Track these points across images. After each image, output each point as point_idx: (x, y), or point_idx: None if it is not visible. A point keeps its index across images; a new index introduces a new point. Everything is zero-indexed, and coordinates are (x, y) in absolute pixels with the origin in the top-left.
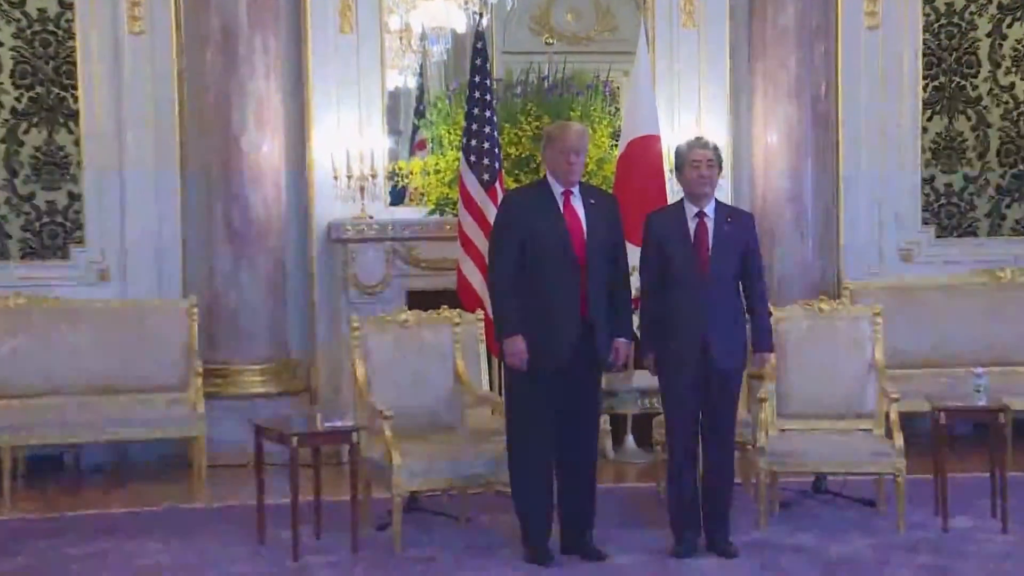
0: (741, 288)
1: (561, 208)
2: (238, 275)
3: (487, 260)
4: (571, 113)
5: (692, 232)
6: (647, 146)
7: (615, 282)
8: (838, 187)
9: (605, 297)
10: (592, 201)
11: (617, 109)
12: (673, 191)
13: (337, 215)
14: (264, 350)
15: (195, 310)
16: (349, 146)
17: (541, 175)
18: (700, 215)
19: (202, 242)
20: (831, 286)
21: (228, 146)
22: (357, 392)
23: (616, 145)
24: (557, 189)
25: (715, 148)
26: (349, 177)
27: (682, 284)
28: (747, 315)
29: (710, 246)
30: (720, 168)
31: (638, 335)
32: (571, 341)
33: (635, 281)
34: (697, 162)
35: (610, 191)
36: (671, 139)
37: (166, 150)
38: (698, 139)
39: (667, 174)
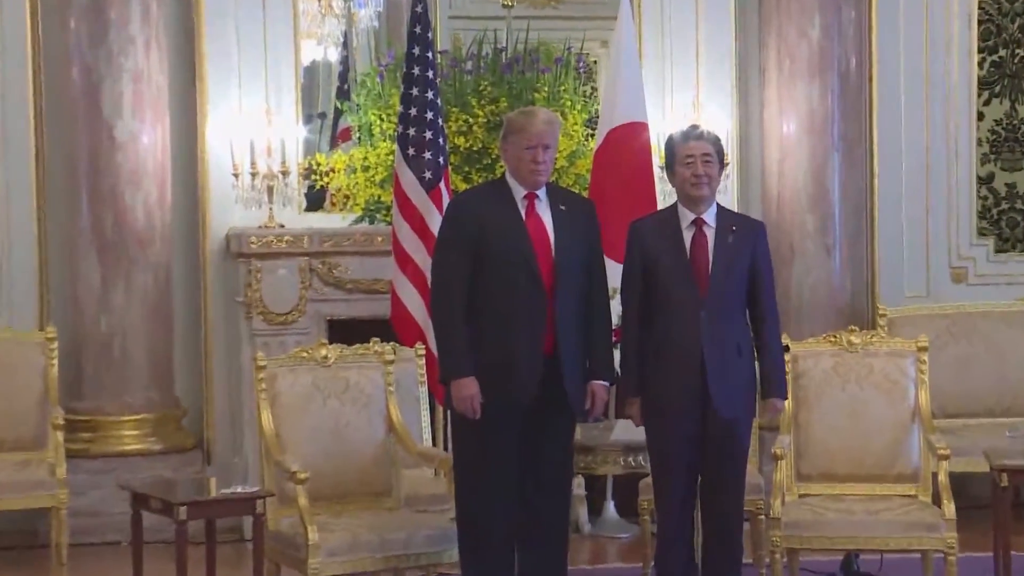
0: (749, 317)
1: (523, 216)
2: (111, 299)
3: (430, 281)
4: (535, 96)
5: (687, 245)
6: (631, 136)
7: (591, 310)
8: (872, 188)
9: (578, 329)
10: (562, 207)
11: (594, 90)
12: (664, 194)
13: (238, 223)
14: (144, 395)
15: (54, 344)
16: (254, 136)
17: (498, 174)
18: (697, 224)
19: (64, 257)
20: (863, 313)
21: (98, 136)
22: (263, 448)
23: (592, 135)
24: (518, 192)
25: (715, 140)
26: (254, 175)
27: (674, 311)
28: (756, 351)
29: (710, 263)
30: (722, 165)
31: (620, 376)
32: (535, 384)
33: (616, 307)
34: (691, 157)
35: (585, 194)
36: (662, 128)
37: (17, 141)
38: (693, 128)
39: (657, 172)
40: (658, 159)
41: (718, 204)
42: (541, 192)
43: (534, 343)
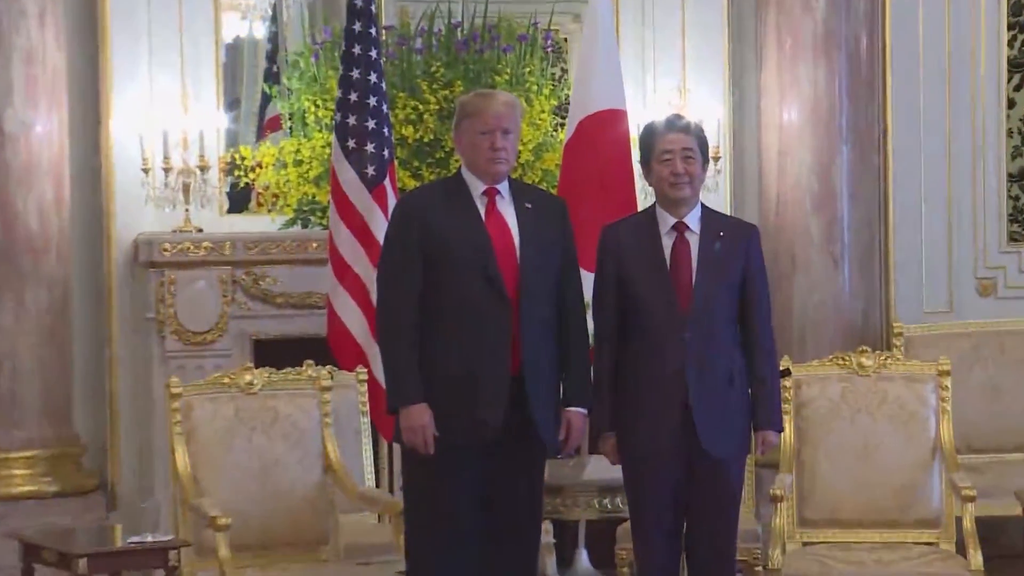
0: (740, 336)
1: (483, 215)
2: None
3: (373, 294)
4: (496, 79)
5: (666, 254)
6: (607, 126)
7: (564, 323)
8: (887, 188)
9: (549, 346)
10: (528, 205)
11: (564, 72)
12: (646, 193)
13: (149, 227)
14: (36, 429)
15: None
16: (167, 126)
17: (452, 169)
18: (678, 229)
19: None
20: (876, 332)
21: None
22: (178, 490)
23: (562, 125)
24: (476, 188)
25: (698, 132)
26: (167, 171)
27: (653, 333)
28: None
29: (693, 275)
30: (706, 161)
31: (592, 407)
32: (499, 412)
33: (590, 323)
34: (670, 153)
35: (554, 192)
36: (642, 117)
37: None
38: (673, 118)
39: (637, 168)
40: (638, 153)
41: (703, 205)
42: (503, 187)
43: (497, 363)
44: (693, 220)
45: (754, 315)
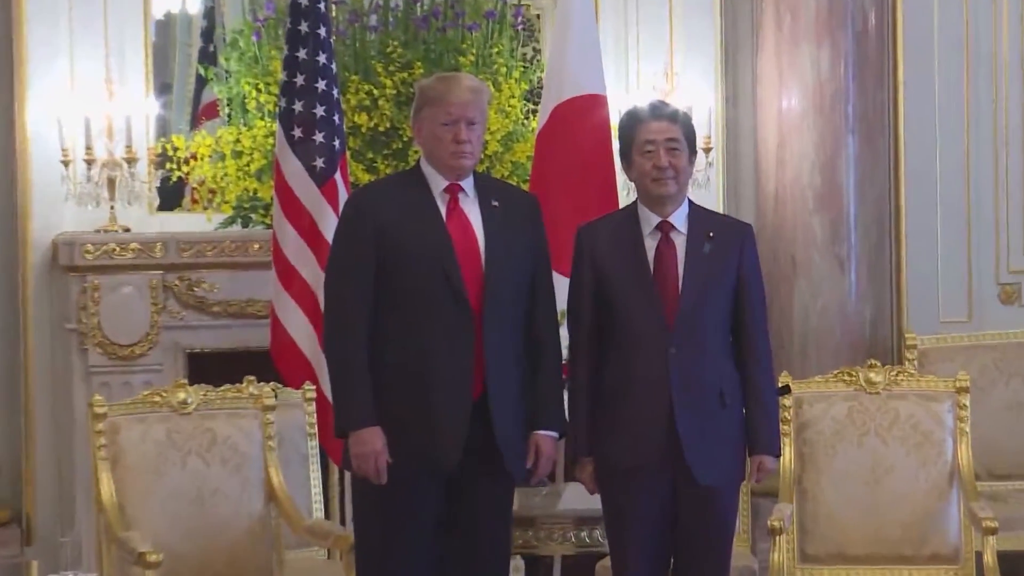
0: (732, 349)
1: (444, 215)
2: None
3: (322, 303)
4: (460, 60)
5: (650, 258)
6: (585, 113)
7: (534, 337)
8: (898, 183)
9: (516, 364)
10: (495, 203)
11: (537, 52)
12: (628, 188)
13: (69, 226)
14: None
15: None
16: (89, 112)
17: (411, 162)
18: (663, 229)
19: None
20: (887, 344)
21: None
22: (102, 523)
23: (535, 112)
24: (437, 183)
25: (684, 120)
26: (89, 163)
27: (634, 346)
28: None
29: (679, 281)
30: (693, 153)
31: (568, 429)
32: (459, 439)
33: (564, 335)
34: (652, 144)
35: (525, 188)
36: (624, 103)
37: None
38: (656, 104)
39: (619, 160)
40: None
41: (691, 202)
42: (467, 183)
43: (458, 384)
44: (679, 219)
45: (749, 325)
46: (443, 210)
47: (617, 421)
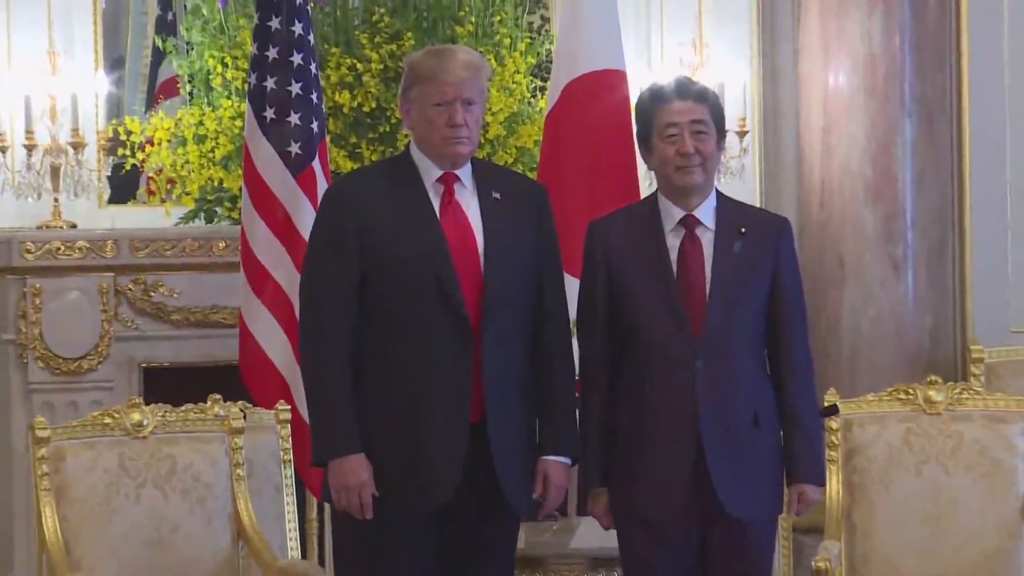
0: (769, 365)
1: (437, 210)
2: None
3: (299, 310)
4: (457, 30)
5: (673, 258)
6: (602, 91)
7: (544, 352)
8: (962, 171)
9: (521, 382)
10: (497, 195)
11: (546, 21)
12: (650, 178)
13: (6, 221)
14: None
15: None
16: (29, 91)
17: (401, 147)
18: (687, 224)
19: None
20: (949, 357)
21: None
22: (46, 564)
23: (543, 90)
24: (429, 172)
25: (712, 99)
26: (30, 149)
27: (655, 360)
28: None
29: (707, 285)
30: (722, 136)
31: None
32: (456, 469)
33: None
34: (675, 127)
35: (533, 176)
36: (646, 80)
37: None
38: (681, 82)
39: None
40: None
41: (719, 193)
42: (464, 172)
43: (454, 407)
44: (706, 213)
45: (786, 335)
46: (436, 204)
47: (635, 454)
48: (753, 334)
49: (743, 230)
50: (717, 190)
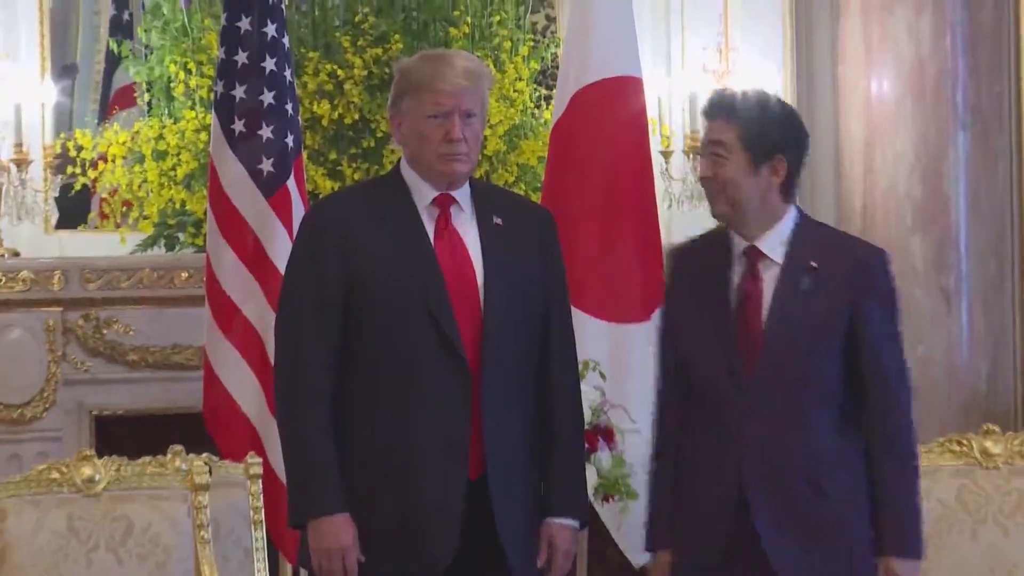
0: (842, 419)
1: (431, 236)
2: None
3: (275, 351)
4: (451, 31)
5: (731, 294)
6: (615, 101)
7: (550, 398)
8: (1022, 193)
9: (525, 433)
10: (498, 221)
11: (551, 22)
12: (670, 197)
13: None
14: None
15: None
16: None
17: (388, 165)
18: (750, 257)
19: None
20: (1008, 404)
21: None
22: None
23: (548, 100)
24: (423, 194)
25: (746, 112)
26: None
27: (709, 412)
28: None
29: (763, 326)
30: (765, 155)
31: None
32: (451, 530)
33: (589, 391)
34: (702, 149)
35: (536, 199)
36: (665, 88)
37: None
38: (711, 96)
39: (660, 163)
40: (659, 140)
41: (801, 219)
42: (462, 194)
43: (450, 462)
44: (773, 244)
45: (877, 390)
46: (430, 230)
47: (686, 514)
48: (819, 386)
49: (814, 265)
50: (801, 215)
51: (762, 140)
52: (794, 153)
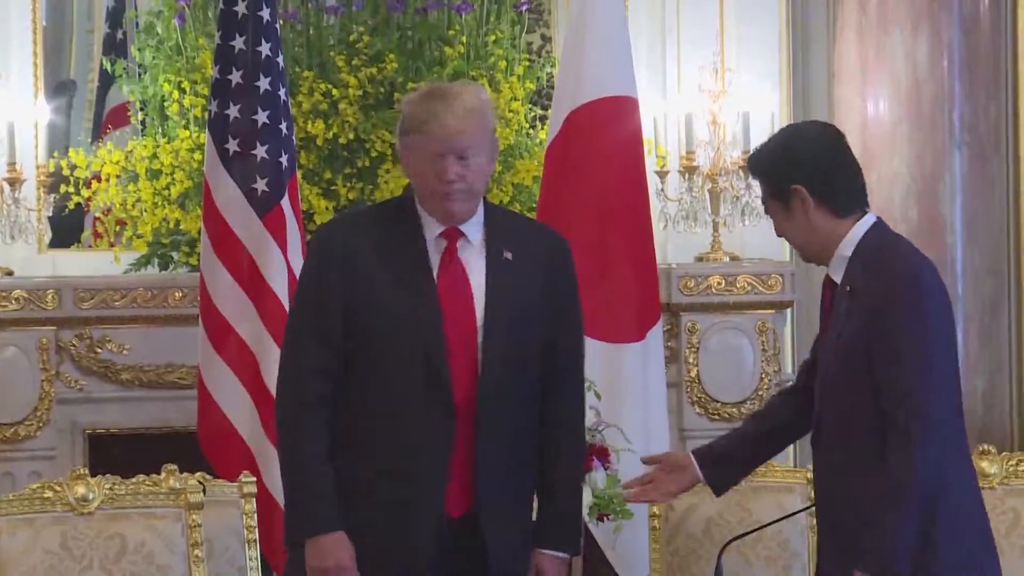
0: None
1: (435, 271)
2: None
3: (267, 368)
4: (446, 51)
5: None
6: (610, 121)
7: (553, 434)
8: (1019, 216)
9: (522, 469)
10: (508, 255)
11: (547, 42)
12: (665, 217)
13: None
14: None
15: None
16: None
17: (381, 184)
18: (827, 286)
19: None
20: (1004, 425)
21: None
22: None
23: (544, 120)
24: (431, 228)
25: (760, 165)
26: None
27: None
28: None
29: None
30: (787, 198)
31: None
32: (417, 562)
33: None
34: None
35: (531, 216)
36: (660, 110)
37: None
38: (755, 152)
39: (656, 183)
40: (654, 160)
41: (858, 248)
42: (472, 225)
43: (429, 500)
44: (836, 270)
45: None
46: (435, 264)
47: None
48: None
49: (850, 289)
50: (876, 227)
51: (776, 182)
52: (808, 172)
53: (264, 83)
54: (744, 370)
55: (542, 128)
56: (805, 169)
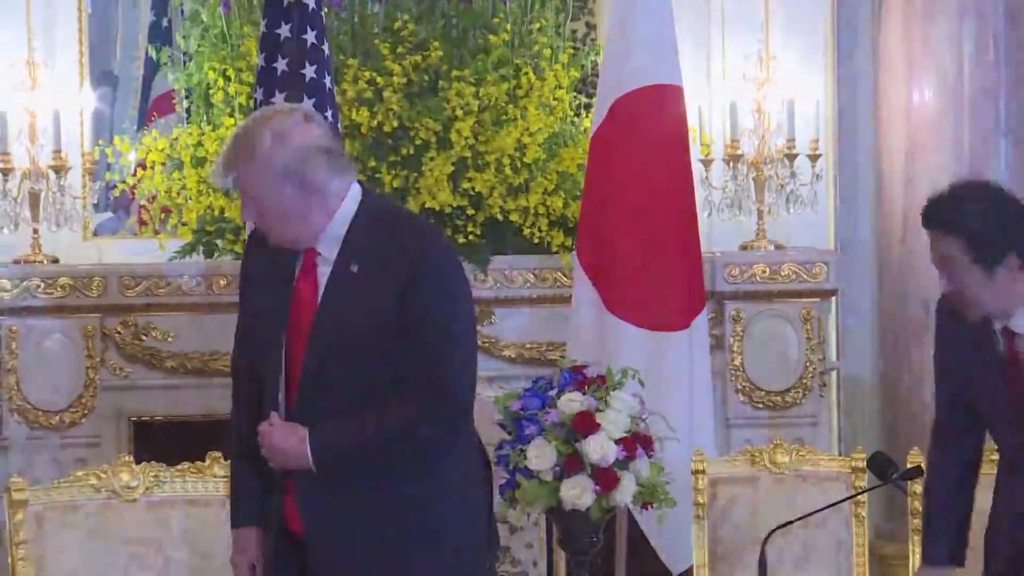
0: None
1: (295, 278)
2: None
3: None
4: (490, 39)
5: (999, 364)
6: (655, 109)
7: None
8: None
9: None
10: (355, 268)
11: (591, 29)
12: (711, 206)
13: None
14: None
15: None
16: (6, 106)
17: (425, 171)
18: (1006, 336)
19: None
20: None
21: None
22: None
23: (588, 107)
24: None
25: (962, 219)
26: (5, 173)
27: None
28: None
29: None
30: (991, 256)
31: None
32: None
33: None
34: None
35: (575, 206)
36: (704, 98)
37: None
38: (926, 205)
39: (700, 171)
40: (699, 148)
41: None
42: (326, 243)
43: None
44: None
45: None
46: (297, 272)
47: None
48: None
49: None
50: None
51: (990, 248)
52: (1021, 239)
53: (309, 71)
54: (788, 358)
55: (587, 116)
56: (1020, 237)
